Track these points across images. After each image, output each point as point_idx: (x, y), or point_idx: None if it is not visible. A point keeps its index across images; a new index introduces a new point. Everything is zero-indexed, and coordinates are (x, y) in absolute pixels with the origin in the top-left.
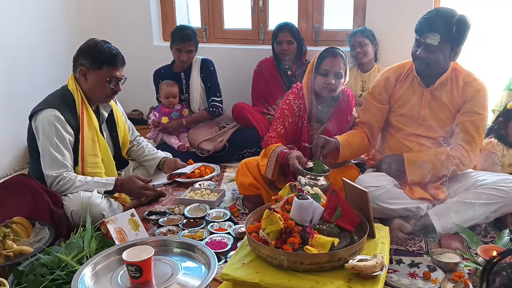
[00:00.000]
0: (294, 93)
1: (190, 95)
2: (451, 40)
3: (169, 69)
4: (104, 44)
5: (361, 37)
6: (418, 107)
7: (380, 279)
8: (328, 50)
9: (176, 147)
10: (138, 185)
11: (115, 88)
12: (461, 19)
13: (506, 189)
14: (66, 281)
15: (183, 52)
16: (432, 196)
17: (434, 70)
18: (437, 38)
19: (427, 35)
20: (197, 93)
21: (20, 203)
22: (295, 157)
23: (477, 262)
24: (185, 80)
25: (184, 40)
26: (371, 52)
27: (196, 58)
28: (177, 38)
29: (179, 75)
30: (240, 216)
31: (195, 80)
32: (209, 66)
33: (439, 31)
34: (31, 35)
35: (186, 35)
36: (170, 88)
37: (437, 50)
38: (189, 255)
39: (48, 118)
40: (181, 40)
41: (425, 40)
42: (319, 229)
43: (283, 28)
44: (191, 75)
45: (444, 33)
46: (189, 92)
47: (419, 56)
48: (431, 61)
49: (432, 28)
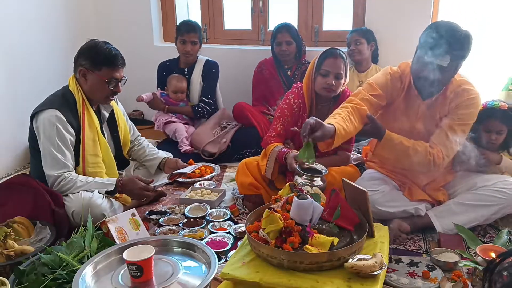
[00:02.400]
0: (294, 93)
1: (190, 92)
2: (460, 59)
3: (174, 63)
4: (104, 45)
5: (357, 35)
6: (414, 120)
7: (380, 278)
8: (329, 50)
9: (183, 150)
10: (139, 186)
11: (114, 89)
12: (468, 36)
13: (506, 190)
14: (67, 280)
15: (188, 43)
16: (432, 197)
17: (439, 89)
18: (447, 59)
19: (438, 57)
20: (196, 91)
21: (21, 203)
22: (293, 157)
23: (476, 261)
24: (188, 76)
25: (189, 30)
26: (365, 52)
27: (201, 58)
28: (182, 29)
29: (183, 71)
30: (240, 215)
31: (196, 78)
32: (212, 68)
33: (450, 53)
34: (32, 35)
35: (190, 26)
36: (179, 84)
37: (447, 71)
38: (189, 255)
39: (49, 118)
40: (186, 30)
41: (435, 62)
42: (319, 228)
43: (282, 29)
44: (193, 72)
45: (455, 55)
46: (190, 88)
47: (428, 78)
48: (439, 81)
49: (443, 52)
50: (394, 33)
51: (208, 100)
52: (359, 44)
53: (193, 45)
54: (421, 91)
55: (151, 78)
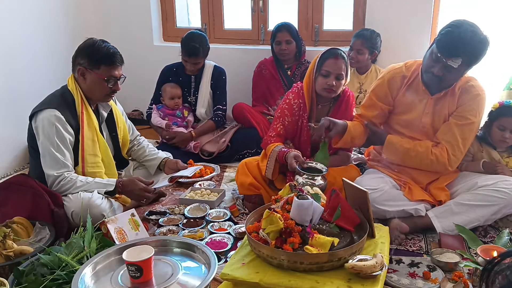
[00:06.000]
0: (295, 93)
1: (198, 99)
2: (472, 63)
3: (181, 69)
4: (102, 44)
5: (360, 44)
6: (421, 114)
7: (380, 278)
8: (330, 51)
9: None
10: (139, 187)
11: (113, 87)
12: (485, 42)
13: (507, 190)
14: (66, 281)
15: (190, 63)
16: (433, 197)
17: (446, 86)
18: (459, 61)
19: (451, 57)
20: (205, 98)
21: (20, 203)
22: (293, 157)
23: (476, 262)
24: (195, 83)
25: (191, 55)
26: (363, 61)
27: (209, 64)
28: (184, 52)
29: (190, 77)
30: (240, 216)
31: (205, 85)
32: (221, 75)
33: (463, 56)
34: (31, 35)
35: (193, 50)
36: (174, 90)
37: (456, 71)
38: (189, 255)
39: (48, 118)
40: (187, 55)
41: (446, 61)
42: (319, 229)
43: (281, 28)
44: (202, 79)
45: (467, 58)
46: (197, 95)
47: (435, 74)
48: (446, 79)
49: (457, 53)
50: (394, 33)
51: (223, 107)
52: (360, 53)
53: (195, 65)
54: (429, 86)
55: (151, 78)
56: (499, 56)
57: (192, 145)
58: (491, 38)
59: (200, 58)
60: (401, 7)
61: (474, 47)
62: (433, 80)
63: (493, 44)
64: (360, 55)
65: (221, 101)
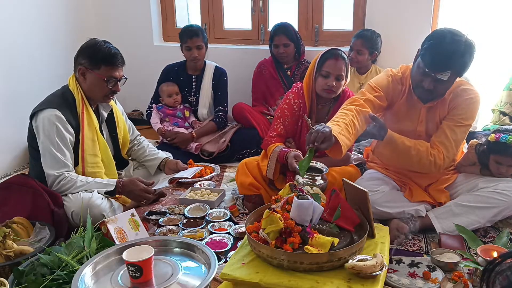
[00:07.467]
0: (295, 93)
1: (200, 99)
2: (462, 71)
3: (182, 69)
4: (103, 44)
5: (360, 45)
6: (415, 123)
7: (380, 279)
8: (330, 51)
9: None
10: (140, 188)
11: (113, 88)
12: (470, 48)
13: (508, 192)
14: (66, 281)
15: (193, 48)
16: (433, 199)
17: (439, 96)
18: (448, 74)
19: (439, 72)
20: (206, 98)
21: (20, 203)
22: (293, 157)
23: (476, 262)
24: (196, 83)
25: (192, 36)
26: (364, 61)
27: (210, 64)
28: (185, 36)
29: (191, 77)
30: (240, 216)
31: (206, 85)
32: (223, 76)
33: (451, 68)
34: (31, 35)
35: (193, 31)
36: (171, 87)
37: (446, 82)
38: (189, 255)
39: (48, 117)
40: (189, 37)
41: (435, 75)
42: (319, 229)
43: (278, 31)
44: (203, 79)
45: (456, 69)
46: (198, 95)
47: (426, 88)
48: (437, 90)
49: (445, 67)
50: (394, 34)
51: (225, 108)
52: (360, 54)
53: (199, 49)
54: (420, 97)
55: (151, 78)
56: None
57: (194, 146)
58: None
59: (201, 39)
60: (401, 7)
61: (460, 57)
62: (425, 93)
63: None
64: (360, 56)
65: (222, 102)
